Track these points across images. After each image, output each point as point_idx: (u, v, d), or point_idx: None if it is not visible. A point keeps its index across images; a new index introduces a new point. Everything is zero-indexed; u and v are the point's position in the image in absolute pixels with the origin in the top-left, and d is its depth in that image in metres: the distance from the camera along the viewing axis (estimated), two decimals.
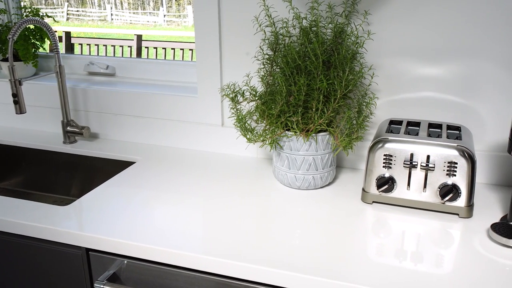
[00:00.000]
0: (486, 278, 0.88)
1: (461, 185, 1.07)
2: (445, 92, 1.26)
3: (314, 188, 1.25)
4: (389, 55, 1.27)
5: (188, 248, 0.98)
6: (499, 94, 1.21)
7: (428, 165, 1.08)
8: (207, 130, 1.50)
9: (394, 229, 1.05)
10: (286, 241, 1.00)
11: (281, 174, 1.25)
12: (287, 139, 1.20)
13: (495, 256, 0.94)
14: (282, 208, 1.15)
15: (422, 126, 1.19)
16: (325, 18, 1.23)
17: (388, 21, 1.24)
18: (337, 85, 1.15)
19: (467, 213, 1.08)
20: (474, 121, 1.26)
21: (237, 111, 1.23)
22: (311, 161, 1.20)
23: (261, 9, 1.31)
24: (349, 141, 1.17)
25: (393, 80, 1.29)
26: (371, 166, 1.13)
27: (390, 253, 0.96)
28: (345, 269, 0.91)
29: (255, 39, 1.36)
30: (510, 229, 0.99)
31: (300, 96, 1.15)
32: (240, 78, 1.42)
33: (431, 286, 0.85)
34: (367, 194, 1.16)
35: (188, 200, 1.19)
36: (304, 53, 1.18)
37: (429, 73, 1.25)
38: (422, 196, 1.11)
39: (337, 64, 1.16)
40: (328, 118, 1.17)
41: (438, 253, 0.96)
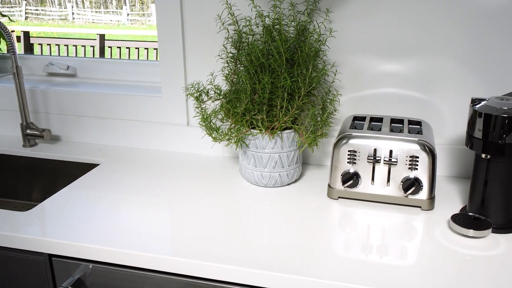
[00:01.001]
0: (447, 267, 0.90)
1: (422, 178, 1.09)
2: (406, 88, 1.29)
3: (280, 185, 1.26)
4: (351, 52, 1.29)
5: (156, 250, 0.97)
6: (457, 89, 1.25)
7: (391, 159, 1.10)
8: (172, 130, 1.49)
9: (360, 223, 1.07)
10: (254, 240, 1.00)
11: (247, 172, 1.25)
12: (253, 137, 1.20)
13: (455, 246, 0.97)
14: (250, 207, 1.15)
15: (384, 122, 1.21)
16: (287, 16, 1.24)
17: (350, 18, 1.26)
18: (301, 82, 1.15)
19: (429, 206, 1.11)
20: (434, 116, 1.29)
21: (202, 110, 1.23)
22: (277, 159, 1.21)
23: (224, 8, 1.31)
24: (314, 138, 1.18)
25: (355, 77, 1.31)
26: (336, 162, 1.15)
27: (357, 247, 0.98)
28: (313, 265, 0.92)
29: (219, 37, 1.36)
30: (469, 219, 1.02)
31: (265, 94, 1.15)
32: (204, 77, 1.41)
33: (396, 278, 0.87)
34: (333, 190, 1.17)
35: (154, 201, 1.18)
36: (268, 51, 1.19)
37: (390, 70, 1.28)
38: (386, 190, 1.13)
39: (300, 61, 1.17)
40: (293, 116, 1.18)
41: (402, 245, 0.98)
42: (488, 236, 1.01)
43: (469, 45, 1.21)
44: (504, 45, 1.19)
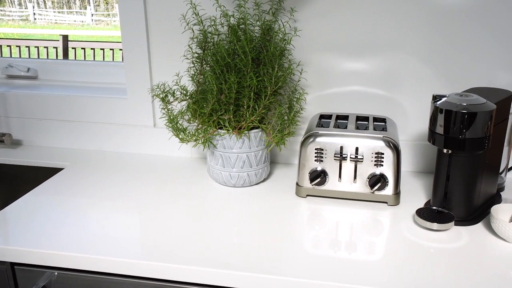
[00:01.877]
0: (413, 261, 0.92)
1: (388, 174, 1.12)
2: (370, 86, 1.31)
3: (249, 185, 1.26)
4: (316, 51, 1.30)
5: (124, 254, 0.95)
6: (419, 86, 1.28)
7: (357, 156, 1.12)
8: (138, 131, 1.47)
9: (328, 220, 1.08)
10: (224, 240, 1.00)
11: (215, 172, 1.25)
12: (220, 137, 1.20)
13: (420, 239, 1.00)
14: (219, 207, 1.15)
15: (350, 119, 1.23)
16: (252, 15, 1.24)
17: (314, 18, 1.27)
18: (267, 82, 1.16)
19: (394, 201, 1.14)
20: (398, 113, 1.32)
21: (168, 111, 1.21)
22: (245, 159, 1.21)
23: (188, 8, 1.30)
24: (281, 137, 1.19)
25: (321, 76, 1.32)
26: (304, 161, 1.16)
27: (326, 244, 0.98)
28: (283, 263, 0.92)
29: (184, 38, 1.35)
30: (433, 213, 1.04)
31: (231, 94, 1.15)
32: (170, 78, 1.40)
33: (364, 273, 0.89)
34: (301, 188, 1.18)
35: (122, 204, 1.16)
36: (233, 50, 1.18)
37: (355, 68, 1.30)
38: (353, 187, 1.15)
39: (266, 61, 1.17)
40: (260, 115, 1.18)
41: (370, 241, 1.00)
42: (451, 229, 1.03)
43: (429, 43, 1.24)
44: (462, 42, 1.22)
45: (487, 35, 1.20)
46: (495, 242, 0.99)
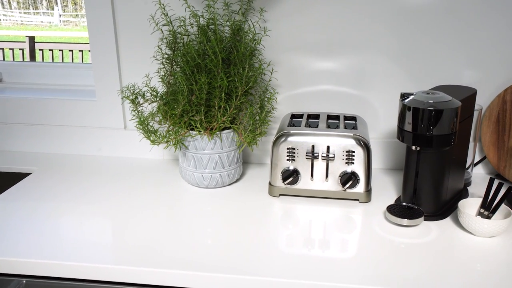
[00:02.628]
0: (385, 256, 0.94)
1: (359, 172, 1.13)
2: (341, 85, 1.32)
3: (222, 186, 1.25)
4: (287, 50, 1.31)
5: (96, 259, 0.93)
6: (387, 84, 1.30)
7: (328, 155, 1.13)
8: (109, 134, 1.44)
9: (302, 219, 1.09)
10: (198, 242, 0.99)
11: (188, 174, 1.24)
12: (192, 138, 1.19)
13: (391, 235, 1.01)
14: (192, 209, 1.14)
15: (321, 118, 1.24)
16: (222, 16, 1.23)
17: (283, 17, 1.28)
18: (238, 82, 1.16)
19: (366, 198, 1.15)
20: (368, 111, 1.34)
21: (138, 113, 1.20)
22: (217, 159, 1.20)
23: (157, 8, 1.28)
24: (253, 137, 1.19)
25: (292, 75, 1.33)
26: (276, 160, 1.16)
27: (299, 243, 0.99)
28: (257, 263, 0.92)
29: (153, 38, 1.33)
30: (403, 209, 1.06)
31: (202, 95, 1.15)
32: (140, 79, 1.38)
33: (338, 271, 0.89)
34: (274, 187, 1.19)
35: (93, 209, 1.13)
36: (204, 51, 1.18)
37: (325, 67, 1.31)
38: (325, 185, 1.16)
39: (236, 61, 1.17)
40: (231, 116, 1.18)
41: (343, 238, 1.01)
42: (421, 224, 1.05)
43: (396, 42, 1.26)
44: (428, 41, 1.25)
45: (452, 34, 1.23)
46: (462, 235, 1.01)
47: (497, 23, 1.21)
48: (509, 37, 1.21)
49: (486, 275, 0.87)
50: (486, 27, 1.21)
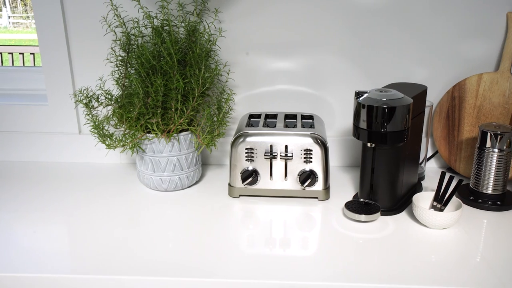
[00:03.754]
0: (345, 252, 0.95)
1: (317, 170, 1.14)
2: (297, 84, 1.34)
3: (181, 188, 1.24)
4: (243, 51, 1.31)
5: (53, 269, 0.90)
6: (342, 83, 1.32)
7: (286, 154, 1.14)
8: (63, 139, 1.40)
9: (262, 219, 1.09)
10: (159, 246, 0.98)
11: (146, 178, 1.22)
12: (149, 141, 1.17)
13: (350, 231, 1.03)
14: (151, 213, 1.12)
15: (279, 118, 1.25)
16: (176, 17, 1.22)
17: (238, 18, 1.28)
18: (194, 83, 1.15)
19: (324, 196, 1.17)
20: (325, 110, 1.35)
21: (93, 117, 1.17)
22: (175, 162, 1.19)
23: (109, 9, 1.25)
24: (211, 138, 1.18)
25: (249, 76, 1.33)
26: (235, 161, 1.16)
27: (261, 243, 0.99)
28: (219, 265, 0.91)
29: (106, 40, 1.30)
30: (360, 205, 1.09)
31: (158, 97, 1.13)
32: (93, 82, 1.35)
33: (299, 269, 0.90)
34: (234, 188, 1.18)
35: (49, 217, 1.10)
36: (159, 53, 1.16)
37: (281, 67, 1.32)
38: (284, 185, 1.16)
39: (192, 62, 1.16)
40: (189, 117, 1.17)
41: (304, 236, 1.02)
42: (378, 219, 1.08)
43: (350, 41, 1.28)
44: (381, 41, 1.28)
45: (404, 33, 1.27)
46: (417, 228, 1.04)
47: (445, 23, 1.25)
48: (457, 36, 1.26)
49: (440, 266, 0.90)
50: (435, 27, 1.26)
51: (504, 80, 1.23)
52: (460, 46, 1.27)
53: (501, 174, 1.12)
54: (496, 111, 1.24)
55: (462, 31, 1.25)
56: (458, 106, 1.27)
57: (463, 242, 0.98)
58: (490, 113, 1.25)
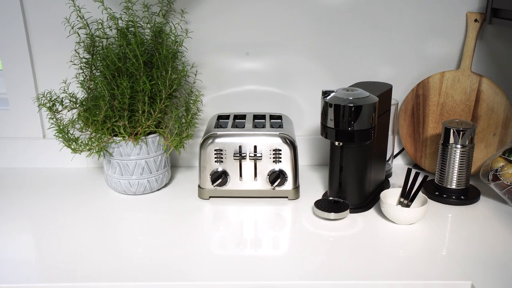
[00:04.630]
0: (315, 251, 0.96)
1: (287, 169, 1.15)
2: (265, 85, 1.34)
3: (150, 191, 1.22)
4: (210, 52, 1.30)
5: (20, 279, 0.87)
6: (310, 83, 1.34)
7: (256, 154, 1.14)
8: (26, 144, 1.36)
9: (233, 220, 1.09)
10: (128, 251, 0.96)
11: (114, 181, 1.20)
12: (116, 145, 1.15)
13: (320, 230, 1.04)
14: (120, 217, 1.10)
15: (248, 118, 1.25)
16: (141, 18, 1.20)
17: (205, 19, 1.27)
18: (161, 85, 1.13)
19: (294, 195, 1.17)
20: (294, 109, 1.36)
21: (57, 121, 1.14)
22: (143, 165, 1.17)
23: (72, 10, 1.23)
24: (179, 140, 1.17)
25: (217, 76, 1.33)
26: (204, 162, 1.15)
27: (232, 244, 0.99)
28: (190, 268, 0.91)
29: (69, 42, 1.27)
30: (330, 203, 1.10)
31: (125, 100, 1.11)
32: (57, 85, 1.32)
33: (271, 269, 0.90)
34: (203, 190, 1.18)
35: (14, 224, 1.06)
36: (124, 54, 1.14)
37: (249, 68, 1.32)
38: (254, 185, 1.16)
39: (159, 64, 1.15)
40: (156, 119, 1.15)
41: (274, 236, 1.02)
42: (347, 217, 1.09)
43: (317, 41, 1.30)
44: (347, 40, 1.29)
45: (369, 33, 1.29)
46: (385, 225, 1.06)
47: (408, 23, 1.28)
48: (419, 36, 1.29)
49: (408, 260, 0.92)
50: (398, 27, 1.28)
51: (465, 78, 1.27)
52: (423, 45, 1.30)
53: (464, 169, 1.15)
54: (459, 108, 1.28)
55: (424, 30, 1.28)
56: (422, 103, 1.30)
57: (429, 237, 1.01)
58: (452, 110, 1.29)
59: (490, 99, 1.25)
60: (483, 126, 1.27)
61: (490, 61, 1.31)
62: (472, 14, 1.25)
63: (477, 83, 1.26)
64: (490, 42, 1.29)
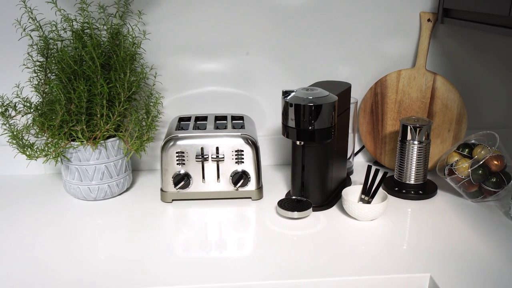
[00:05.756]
0: (280, 250, 0.96)
1: (249, 170, 1.15)
2: (227, 85, 1.33)
3: (111, 196, 1.20)
4: (170, 53, 1.29)
5: None
6: (271, 83, 1.34)
7: (218, 156, 1.13)
8: None
9: (197, 222, 1.08)
10: (90, 258, 0.94)
11: (73, 188, 1.16)
12: (74, 150, 1.12)
13: (284, 229, 1.05)
14: (81, 224, 1.07)
15: (209, 120, 1.24)
16: (97, 19, 1.17)
17: (164, 20, 1.26)
18: (119, 88, 1.11)
19: (258, 195, 1.18)
20: (255, 110, 1.37)
21: (10, 127, 1.10)
22: (103, 170, 1.15)
23: (23, 12, 1.18)
24: (140, 143, 1.15)
25: (177, 78, 1.31)
26: (166, 165, 1.14)
27: (196, 247, 0.98)
28: (155, 273, 0.89)
29: (22, 45, 1.23)
30: (293, 202, 1.11)
31: (82, 103, 1.08)
32: (9, 90, 1.26)
33: (236, 270, 0.90)
34: (166, 193, 1.16)
35: None
36: (80, 57, 1.11)
37: (210, 69, 1.31)
38: (218, 187, 1.16)
39: (117, 66, 1.13)
40: (115, 123, 1.13)
41: (239, 237, 1.02)
42: (310, 215, 1.10)
43: (277, 41, 1.30)
44: (306, 40, 1.31)
45: (328, 33, 1.31)
46: (347, 221, 1.08)
47: (365, 23, 1.30)
48: (376, 35, 1.32)
49: (370, 256, 0.94)
50: (356, 27, 1.31)
51: (421, 76, 1.31)
52: (379, 44, 1.33)
53: (422, 165, 1.19)
54: (415, 105, 1.32)
55: (381, 30, 1.31)
56: (380, 101, 1.33)
57: (390, 232, 1.03)
58: (409, 107, 1.32)
59: (444, 96, 1.30)
60: (438, 122, 1.31)
61: (444, 59, 1.35)
62: (425, 14, 1.29)
63: (432, 80, 1.30)
64: (443, 41, 1.33)
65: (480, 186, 1.14)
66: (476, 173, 1.12)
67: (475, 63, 1.36)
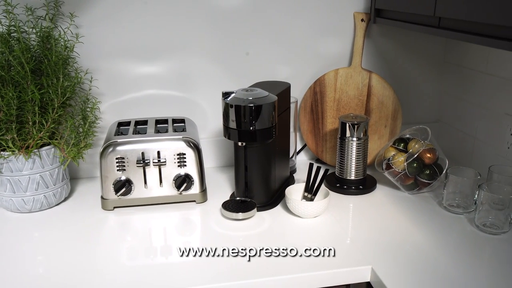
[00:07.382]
0: (226, 252, 0.96)
1: (192, 173, 1.14)
2: (166, 88, 1.31)
3: (48, 207, 1.15)
4: (105, 57, 1.25)
5: None
6: (211, 84, 1.34)
7: (159, 160, 1.11)
8: None
9: (140, 229, 1.06)
10: (28, 273, 0.89)
11: (5, 200, 1.10)
12: (4, 160, 1.06)
13: (229, 230, 1.04)
14: (16, 238, 1.02)
15: (149, 124, 1.22)
16: (25, 22, 1.12)
17: (98, 22, 1.22)
18: (52, 93, 1.07)
19: (202, 198, 1.17)
20: (197, 112, 1.35)
21: None
22: (38, 180, 1.10)
23: None
24: (77, 150, 1.11)
25: (114, 82, 1.28)
26: (105, 172, 1.10)
27: (141, 254, 0.96)
28: (100, 282, 0.86)
29: None
30: (237, 203, 1.11)
31: (11, 111, 1.03)
32: None
33: (183, 275, 0.89)
34: (107, 201, 1.13)
35: None
36: (8, 62, 1.06)
37: (148, 72, 1.29)
38: (161, 191, 1.14)
39: (49, 71, 1.08)
40: (49, 130, 1.08)
41: (185, 241, 1.00)
42: (255, 215, 1.11)
43: (215, 42, 1.30)
44: (244, 41, 1.31)
45: (265, 34, 1.32)
46: (292, 220, 1.09)
47: (301, 24, 1.33)
48: (313, 35, 1.34)
49: (314, 252, 0.96)
50: (293, 28, 1.33)
51: (357, 74, 1.35)
52: (316, 44, 1.36)
53: (361, 160, 1.22)
54: (353, 103, 1.36)
55: (317, 30, 1.34)
56: (320, 100, 1.36)
57: (333, 227, 1.05)
58: (347, 105, 1.36)
59: (380, 93, 1.34)
60: (375, 119, 1.36)
61: (378, 58, 1.40)
62: (358, 14, 1.33)
63: (368, 78, 1.34)
64: (377, 40, 1.38)
65: (416, 178, 1.19)
66: (411, 166, 1.17)
67: (407, 61, 1.42)
